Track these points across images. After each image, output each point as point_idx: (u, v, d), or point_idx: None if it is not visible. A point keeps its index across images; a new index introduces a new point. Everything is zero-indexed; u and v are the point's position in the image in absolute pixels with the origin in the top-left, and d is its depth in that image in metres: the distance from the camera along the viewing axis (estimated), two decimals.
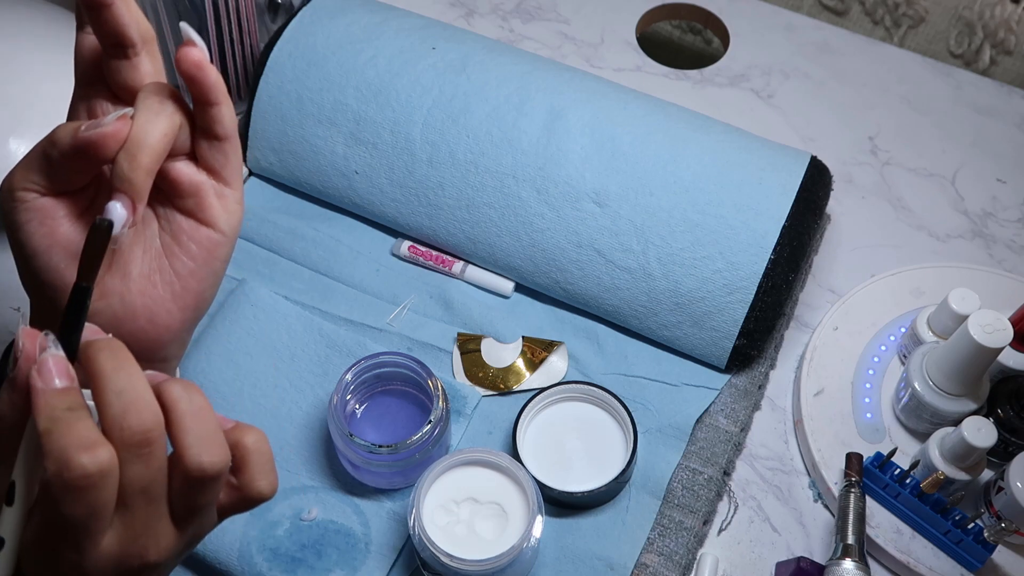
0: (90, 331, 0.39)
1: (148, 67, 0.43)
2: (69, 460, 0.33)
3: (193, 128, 0.43)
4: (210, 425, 0.37)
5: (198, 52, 0.41)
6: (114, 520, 0.36)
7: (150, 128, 0.40)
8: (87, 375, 0.36)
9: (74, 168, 0.41)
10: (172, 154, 0.43)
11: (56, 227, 0.42)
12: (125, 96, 0.43)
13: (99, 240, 0.39)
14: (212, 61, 0.45)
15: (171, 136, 0.41)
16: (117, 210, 0.39)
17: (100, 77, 0.43)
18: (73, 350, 0.37)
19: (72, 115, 0.44)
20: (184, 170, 0.44)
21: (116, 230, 0.39)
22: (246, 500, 0.40)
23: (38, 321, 0.46)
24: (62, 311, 0.38)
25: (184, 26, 0.40)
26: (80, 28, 0.44)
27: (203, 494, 0.37)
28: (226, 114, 0.43)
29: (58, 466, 0.33)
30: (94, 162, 0.40)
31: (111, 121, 0.39)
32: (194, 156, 0.44)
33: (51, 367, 0.35)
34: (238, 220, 0.46)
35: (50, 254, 0.43)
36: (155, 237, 0.45)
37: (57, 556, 0.35)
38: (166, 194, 0.45)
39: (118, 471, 0.35)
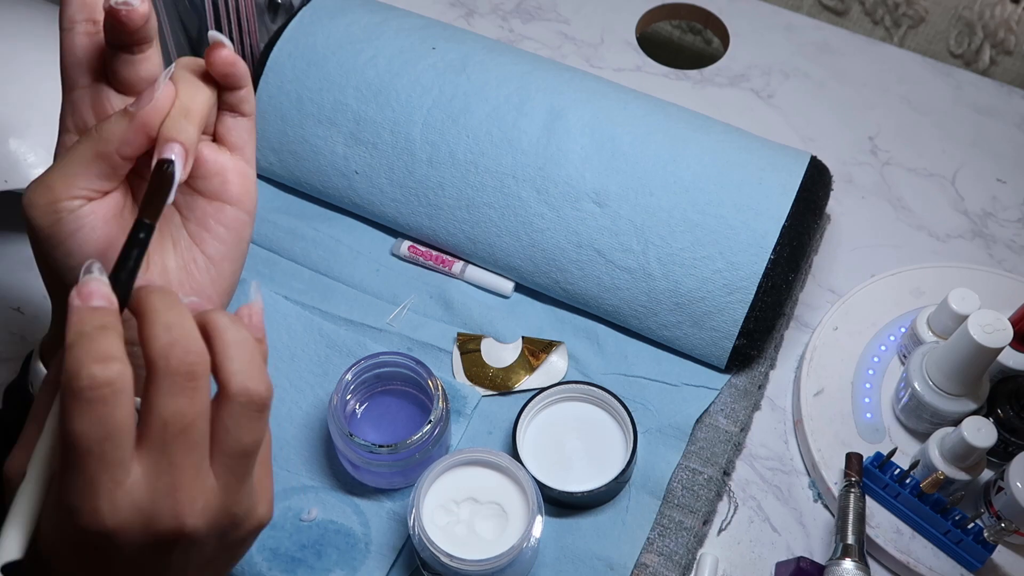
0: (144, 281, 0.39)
1: (156, 59, 0.44)
2: (78, 369, 0.32)
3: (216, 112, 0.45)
4: (257, 356, 0.36)
5: (228, 52, 0.43)
6: (146, 461, 0.34)
7: (195, 95, 0.42)
8: (136, 314, 0.35)
9: (131, 154, 0.42)
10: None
11: (104, 231, 0.43)
12: (131, 91, 0.44)
13: (164, 178, 0.40)
14: None
15: (210, 105, 0.43)
16: (176, 152, 0.41)
17: (99, 73, 0.44)
18: (126, 292, 0.36)
19: (71, 115, 0.44)
20: (208, 151, 0.45)
21: (177, 174, 0.40)
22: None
23: (57, 324, 0.46)
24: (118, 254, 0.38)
25: (213, 33, 0.43)
26: (67, 28, 0.44)
27: (249, 429, 0.36)
28: (251, 94, 0.45)
29: (68, 377, 0.32)
30: (150, 138, 0.41)
31: (163, 84, 0.41)
32: (214, 141, 0.46)
33: (92, 288, 0.34)
34: (256, 198, 0.48)
35: (101, 258, 0.42)
36: (180, 229, 0.47)
37: (76, 508, 0.33)
38: (190, 178, 0.46)
39: (131, 389, 0.33)
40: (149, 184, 0.40)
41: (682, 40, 1.05)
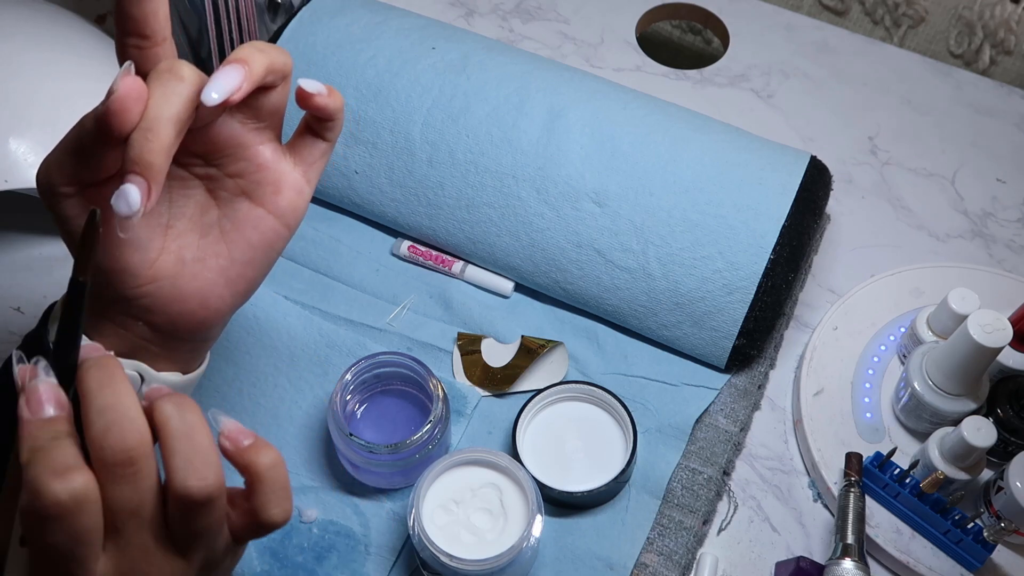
0: (90, 348, 0.38)
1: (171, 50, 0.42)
2: (40, 489, 0.32)
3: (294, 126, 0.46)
4: (200, 446, 0.35)
5: (321, 98, 0.44)
6: (108, 547, 0.34)
7: (165, 103, 0.38)
8: (78, 393, 0.35)
9: (100, 152, 0.39)
10: (261, 141, 0.45)
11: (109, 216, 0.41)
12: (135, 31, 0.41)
13: (90, 232, 0.37)
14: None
15: (189, 112, 0.40)
16: (130, 195, 0.37)
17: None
18: (73, 364, 0.36)
19: None
20: (271, 158, 0.45)
21: (132, 214, 0.37)
22: (258, 526, 0.38)
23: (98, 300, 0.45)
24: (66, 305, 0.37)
25: (310, 82, 0.44)
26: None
27: (197, 519, 0.35)
28: (341, 123, 0.46)
29: (30, 496, 0.32)
30: (113, 139, 0.38)
31: (118, 81, 0.37)
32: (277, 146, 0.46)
33: (40, 396, 0.34)
34: (301, 218, 0.47)
35: (104, 243, 0.42)
36: (214, 223, 0.46)
37: None
38: (240, 178, 0.45)
39: (98, 495, 0.33)
40: (80, 238, 0.37)
41: (682, 40, 1.05)
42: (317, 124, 0.46)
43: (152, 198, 0.38)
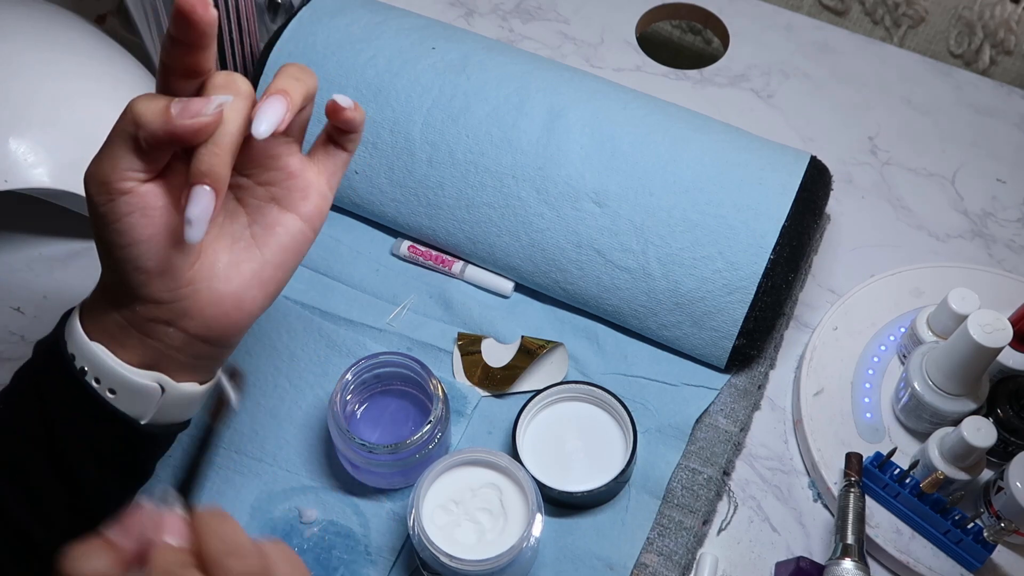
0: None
1: (213, 53, 0.44)
2: None
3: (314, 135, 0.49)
4: (301, 569, 0.37)
5: (350, 112, 0.49)
6: None
7: (229, 118, 0.42)
8: (194, 531, 0.36)
9: (161, 152, 0.43)
10: (287, 153, 0.49)
11: (160, 215, 0.44)
12: (184, 72, 0.44)
13: (221, 409, 0.42)
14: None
15: (247, 125, 0.43)
16: (201, 202, 0.41)
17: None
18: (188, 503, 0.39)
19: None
20: (298, 166, 0.49)
21: (205, 227, 0.42)
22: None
23: (102, 287, 0.47)
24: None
25: (341, 97, 0.49)
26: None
27: None
28: (359, 137, 0.51)
29: None
30: (185, 146, 0.42)
31: (212, 112, 0.41)
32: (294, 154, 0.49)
33: (171, 525, 0.35)
34: (324, 221, 0.51)
35: (153, 242, 0.44)
36: (244, 229, 0.49)
37: None
38: (272, 186, 0.49)
39: None
40: (212, 410, 0.43)
41: (682, 40, 1.05)
42: (340, 136, 0.51)
43: (219, 206, 0.42)
